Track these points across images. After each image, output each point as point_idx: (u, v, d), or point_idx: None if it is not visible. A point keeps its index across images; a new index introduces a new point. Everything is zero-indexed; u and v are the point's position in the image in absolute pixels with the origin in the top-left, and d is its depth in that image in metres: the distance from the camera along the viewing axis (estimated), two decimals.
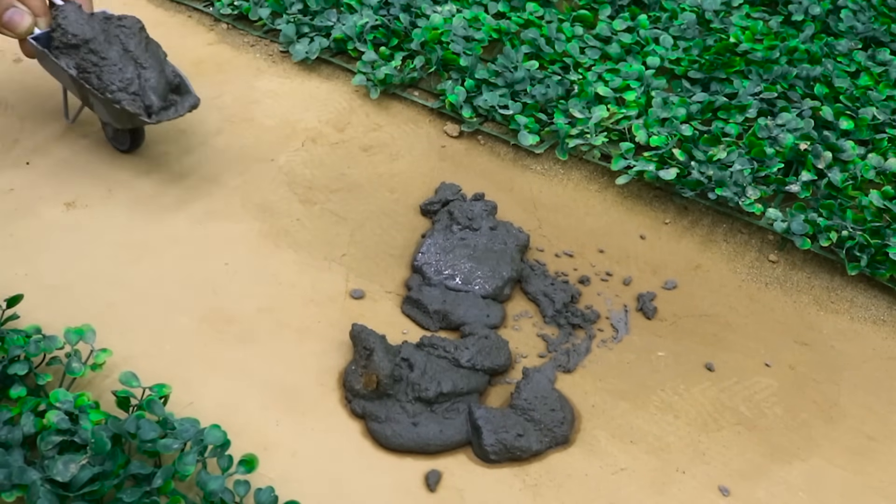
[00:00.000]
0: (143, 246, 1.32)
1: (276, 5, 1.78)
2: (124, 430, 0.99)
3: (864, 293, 1.37)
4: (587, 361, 1.23)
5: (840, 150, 1.50)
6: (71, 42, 1.33)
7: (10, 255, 1.29)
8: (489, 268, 1.30)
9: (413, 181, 1.49)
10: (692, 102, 1.59)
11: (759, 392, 1.21)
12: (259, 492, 0.99)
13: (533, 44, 1.70)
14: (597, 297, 1.32)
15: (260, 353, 1.20)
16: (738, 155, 1.48)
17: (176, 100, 1.36)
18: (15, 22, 1.27)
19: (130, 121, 1.33)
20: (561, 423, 1.12)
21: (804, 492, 1.10)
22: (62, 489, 0.93)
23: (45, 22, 1.34)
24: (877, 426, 1.18)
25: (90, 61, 1.32)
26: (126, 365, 1.13)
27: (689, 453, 1.13)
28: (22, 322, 1.15)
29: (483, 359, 1.17)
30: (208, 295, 1.26)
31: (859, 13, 1.85)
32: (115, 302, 1.24)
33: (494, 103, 1.58)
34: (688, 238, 1.44)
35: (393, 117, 1.62)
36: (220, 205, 1.41)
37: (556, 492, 1.07)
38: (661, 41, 1.75)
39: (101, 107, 1.34)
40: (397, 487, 1.06)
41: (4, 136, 1.50)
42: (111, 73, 1.32)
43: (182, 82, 1.37)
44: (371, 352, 1.13)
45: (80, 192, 1.40)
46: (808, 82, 1.66)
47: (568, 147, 1.53)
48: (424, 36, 1.68)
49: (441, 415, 1.12)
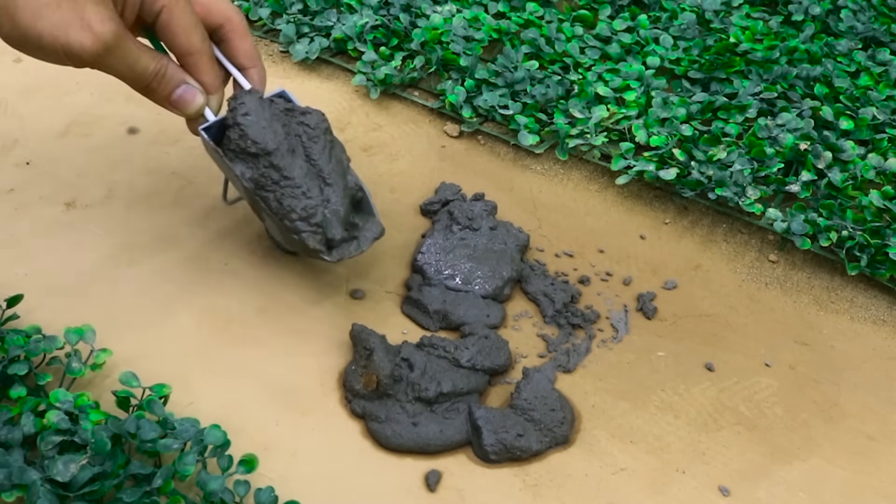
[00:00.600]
0: (142, 246, 1.32)
1: (276, 5, 1.78)
2: (124, 430, 0.99)
3: (864, 293, 1.37)
4: (587, 361, 1.23)
5: (840, 150, 1.50)
6: (250, 150, 1.11)
7: (10, 255, 1.29)
8: (489, 268, 1.30)
9: (413, 181, 1.49)
10: (692, 102, 1.59)
11: (759, 392, 1.21)
12: (259, 492, 0.99)
13: (533, 44, 1.70)
14: (597, 297, 1.32)
15: (260, 353, 1.20)
16: (738, 155, 1.48)
17: (357, 223, 1.16)
18: (186, 101, 1.11)
19: (305, 251, 1.14)
20: (561, 423, 1.12)
21: (804, 492, 1.10)
22: (62, 489, 0.93)
23: (217, 100, 1.13)
24: (877, 426, 1.19)
25: (270, 178, 1.11)
26: (126, 365, 1.13)
27: (689, 453, 1.13)
28: (22, 322, 1.15)
29: (483, 359, 1.18)
30: (208, 295, 1.26)
31: (859, 13, 1.85)
32: (115, 302, 1.24)
33: (494, 103, 1.58)
34: (688, 238, 1.44)
35: (393, 117, 1.62)
36: (220, 205, 1.41)
37: (556, 492, 1.07)
38: (661, 41, 1.75)
39: (273, 224, 1.14)
40: (397, 487, 1.07)
41: (4, 136, 1.50)
42: (293, 196, 1.11)
43: (364, 198, 1.17)
44: (371, 352, 1.13)
45: (80, 192, 1.40)
46: (808, 82, 1.66)
47: (568, 147, 1.53)
48: (424, 36, 1.68)
49: (441, 415, 1.12)
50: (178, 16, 1.07)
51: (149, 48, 1.08)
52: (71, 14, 0.97)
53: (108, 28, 0.99)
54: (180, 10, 1.07)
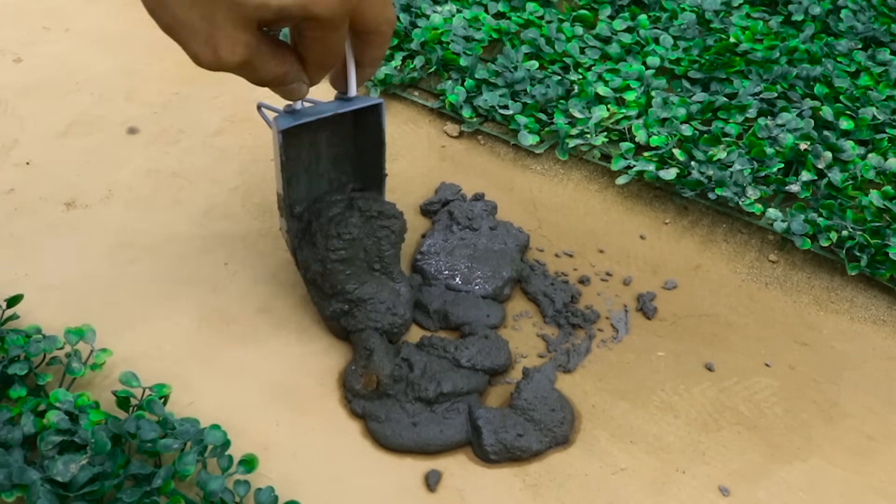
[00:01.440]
0: (142, 246, 1.32)
1: None
2: (124, 430, 0.99)
3: (864, 293, 1.37)
4: (587, 361, 1.23)
5: (840, 150, 1.50)
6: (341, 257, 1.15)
7: (10, 255, 1.29)
8: (489, 268, 1.30)
9: (413, 181, 1.49)
10: (692, 102, 1.59)
11: (759, 392, 1.21)
12: (259, 492, 0.99)
13: (533, 44, 1.70)
14: (597, 297, 1.32)
15: (260, 353, 1.20)
16: (738, 155, 1.48)
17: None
18: (292, 93, 1.03)
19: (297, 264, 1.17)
20: (561, 423, 1.12)
21: (804, 492, 1.10)
22: (62, 489, 0.93)
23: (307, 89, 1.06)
24: (877, 426, 1.19)
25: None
26: (126, 365, 1.13)
27: (689, 453, 1.13)
28: (22, 322, 1.15)
29: (483, 359, 1.18)
30: (208, 295, 1.26)
31: (859, 13, 1.85)
32: (115, 302, 1.24)
33: (494, 103, 1.58)
34: (688, 238, 1.44)
35: (393, 117, 1.62)
36: (220, 205, 1.41)
37: (556, 492, 1.07)
38: (661, 41, 1.75)
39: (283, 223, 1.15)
40: (397, 487, 1.07)
41: (4, 136, 1.50)
42: (375, 311, 1.18)
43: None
44: (371, 352, 1.13)
45: (80, 192, 1.40)
46: (808, 82, 1.66)
47: (568, 147, 1.53)
48: (424, 36, 1.68)
49: (441, 415, 1.12)
50: (320, 49, 1.00)
51: (278, 53, 0.99)
52: (203, 25, 0.91)
53: (237, 57, 0.93)
54: (322, 44, 0.99)
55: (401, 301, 1.20)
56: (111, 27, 1.79)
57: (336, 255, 1.14)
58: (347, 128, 1.17)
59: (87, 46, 1.74)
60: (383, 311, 1.18)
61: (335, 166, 1.21)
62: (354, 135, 1.18)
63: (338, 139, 1.18)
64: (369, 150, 1.18)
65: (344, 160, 1.20)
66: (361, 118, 1.15)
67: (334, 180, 1.21)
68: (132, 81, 1.65)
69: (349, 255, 1.15)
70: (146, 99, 1.62)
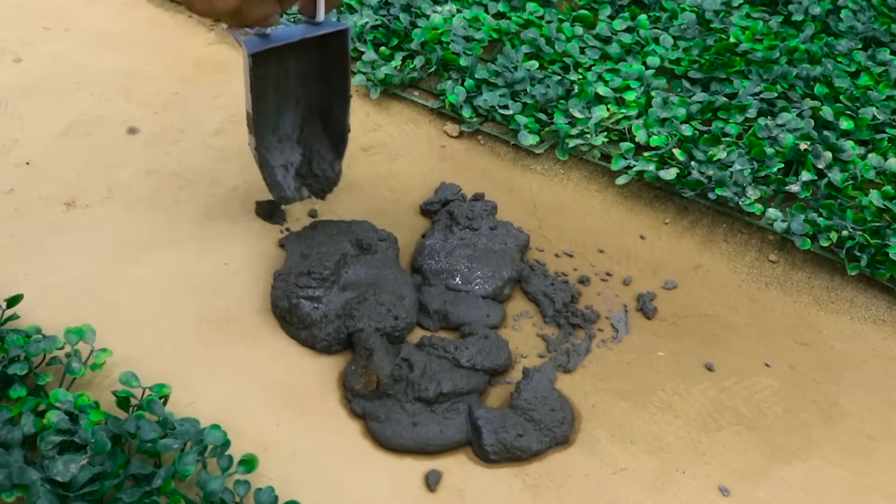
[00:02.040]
0: (142, 246, 1.32)
1: None
2: (124, 430, 0.99)
3: (864, 293, 1.37)
4: (587, 361, 1.23)
5: (840, 150, 1.50)
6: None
7: (10, 255, 1.29)
8: (489, 268, 1.30)
9: (413, 181, 1.49)
10: (692, 102, 1.59)
11: (759, 392, 1.21)
12: (259, 492, 0.99)
13: (533, 44, 1.70)
14: (597, 297, 1.32)
15: (260, 353, 1.20)
16: (738, 155, 1.48)
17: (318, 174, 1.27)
18: (270, 23, 1.12)
19: (263, 176, 1.25)
20: (561, 423, 1.12)
21: (804, 492, 1.10)
22: (62, 489, 0.93)
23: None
24: (877, 426, 1.18)
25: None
26: (126, 365, 1.13)
27: (689, 453, 1.13)
28: (22, 322, 1.15)
29: (483, 359, 1.17)
30: (208, 295, 1.26)
31: (859, 13, 1.85)
32: (115, 302, 1.24)
33: (494, 103, 1.58)
34: (688, 238, 1.44)
35: (393, 117, 1.62)
36: (220, 205, 1.41)
37: (556, 492, 1.07)
38: (661, 41, 1.75)
39: (252, 139, 1.20)
40: (397, 487, 1.06)
41: (4, 136, 1.50)
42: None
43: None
44: (371, 352, 1.13)
45: (80, 192, 1.40)
46: (808, 82, 1.66)
47: (568, 147, 1.53)
48: (424, 36, 1.68)
49: (441, 415, 1.12)
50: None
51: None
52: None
53: (230, 4, 1.02)
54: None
55: (403, 304, 1.21)
56: (111, 27, 1.79)
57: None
58: (314, 50, 1.22)
59: (87, 46, 1.74)
60: (384, 313, 1.18)
61: (303, 85, 1.26)
62: (321, 56, 1.23)
63: (305, 60, 1.23)
64: (335, 72, 1.23)
65: (311, 79, 1.25)
66: (328, 41, 1.20)
67: (301, 98, 1.26)
68: (132, 81, 1.65)
69: None
70: (146, 99, 1.62)
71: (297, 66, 1.23)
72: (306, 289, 1.18)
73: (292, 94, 1.25)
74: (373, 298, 1.19)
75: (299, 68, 1.23)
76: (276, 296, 1.21)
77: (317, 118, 1.27)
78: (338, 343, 1.18)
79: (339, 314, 1.18)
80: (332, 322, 1.18)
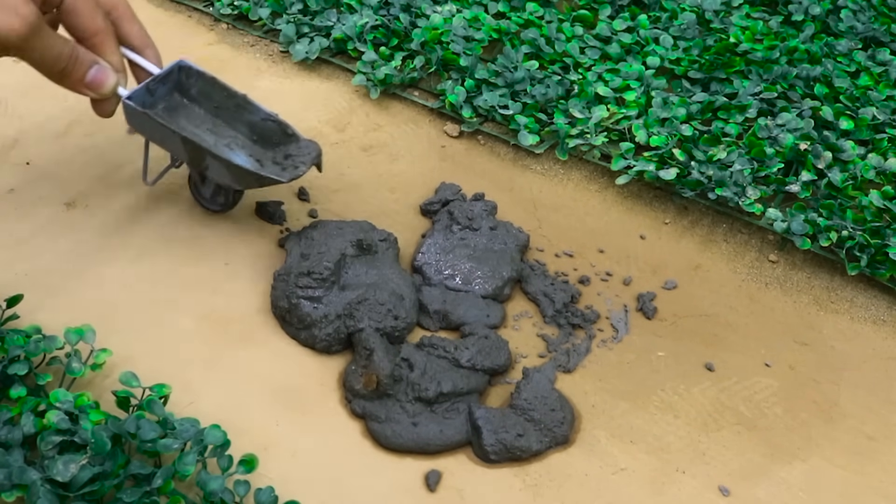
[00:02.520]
0: (142, 246, 1.32)
1: (276, 5, 1.78)
2: (124, 430, 0.99)
3: (864, 293, 1.37)
4: (587, 361, 1.23)
5: (840, 150, 1.50)
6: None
7: (10, 255, 1.29)
8: (489, 268, 1.30)
9: (413, 181, 1.49)
10: (692, 102, 1.59)
11: (759, 392, 1.21)
12: (259, 492, 0.99)
13: (533, 44, 1.70)
14: (597, 297, 1.32)
15: (260, 353, 1.20)
16: (738, 155, 1.48)
17: (292, 154, 1.29)
18: (99, 81, 1.16)
19: (259, 182, 1.23)
20: (561, 423, 1.12)
21: (804, 492, 1.10)
22: (62, 489, 0.93)
23: (123, 78, 1.21)
24: (877, 426, 1.19)
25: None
26: (126, 365, 1.13)
27: (689, 453, 1.13)
28: (22, 322, 1.15)
29: (483, 359, 1.18)
30: (208, 295, 1.26)
31: (859, 13, 1.86)
32: (115, 302, 1.24)
33: (494, 103, 1.58)
34: (688, 238, 1.44)
35: (393, 117, 1.62)
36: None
37: (556, 492, 1.07)
38: (661, 41, 1.75)
39: (221, 169, 1.23)
40: (397, 487, 1.07)
41: (4, 136, 1.50)
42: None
43: (287, 127, 1.30)
44: (371, 352, 1.13)
45: (80, 192, 1.40)
46: (808, 82, 1.66)
47: (568, 147, 1.53)
48: (424, 36, 1.68)
49: (441, 415, 1.12)
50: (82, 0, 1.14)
51: (58, 34, 1.13)
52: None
53: (31, 9, 1.04)
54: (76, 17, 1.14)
55: (403, 304, 1.21)
56: None
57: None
58: (186, 92, 1.31)
59: None
60: (384, 313, 1.18)
61: (205, 110, 1.33)
62: (198, 92, 1.31)
63: (187, 99, 1.32)
64: (215, 90, 1.30)
65: (207, 102, 1.33)
66: (187, 79, 1.30)
67: (208, 119, 1.33)
68: (132, 82, 1.65)
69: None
70: None
71: (193, 101, 1.32)
72: (306, 289, 1.18)
73: (204, 123, 1.32)
74: (373, 298, 1.18)
75: (190, 105, 1.32)
76: (276, 296, 1.21)
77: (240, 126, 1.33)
78: (338, 343, 1.18)
79: (339, 314, 1.18)
80: (332, 322, 1.18)
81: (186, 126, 1.29)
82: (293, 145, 1.29)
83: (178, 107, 1.30)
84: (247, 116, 1.30)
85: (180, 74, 1.28)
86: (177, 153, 1.26)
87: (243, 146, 1.30)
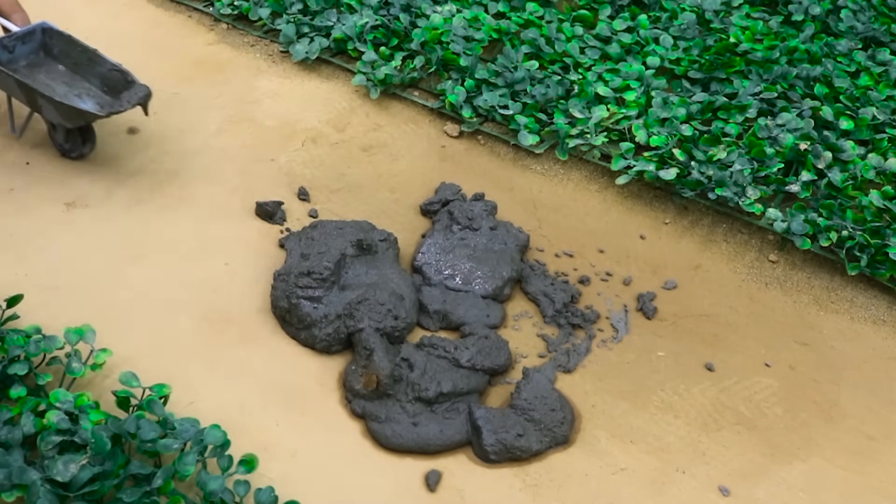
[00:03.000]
0: (142, 246, 1.33)
1: (276, 5, 1.78)
2: (124, 430, 0.99)
3: (864, 293, 1.37)
4: (587, 361, 1.23)
5: (840, 150, 1.50)
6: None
7: (10, 255, 1.29)
8: (489, 268, 1.30)
9: (413, 181, 1.49)
10: (692, 102, 1.59)
11: (759, 392, 1.21)
12: (259, 492, 0.99)
13: (533, 44, 1.70)
14: (597, 297, 1.32)
15: (260, 353, 1.20)
16: (738, 155, 1.48)
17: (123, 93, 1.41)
18: None
19: (82, 117, 1.37)
20: (561, 423, 1.12)
21: (804, 492, 1.10)
22: (62, 489, 0.93)
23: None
24: (877, 426, 1.19)
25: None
26: (126, 365, 1.13)
27: (689, 453, 1.13)
28: (22, 322, 1.15)
29: (483, 359, 1.18)
30: (208, 295, 1.26)
31: (859, 13, 1.85)
32: (115, 302, 1.24)
33: (494, 103, 1.58)
34: (688, 238, 1.44)
35: (393, 117, 1.62)
36: (220, 205, 1.41)
37: (556, 492, 1.07)
38: (661, 41, 1.75)
39: (51, 108, 1.36)
40: (397, 487, 1.07)
41: (4, 136, 1.50)
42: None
43: (126, 74, 1.42)
44: (371, 352, 1.13)
45: (80, 192, 1.40)
46: (808, 82, 1.66)
47: (568, 147, 1.53)
48: (424, 36, 1.68)
49: (441, 415, 1.12)
50: None
51: None
52: None
53: None
54: None
55: (403, 304, 1.21)
56: (111, 27, 1.78)
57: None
58: (49, 51, 1.48)
59: None
60: (384, 313, 1.19)
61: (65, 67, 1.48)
62: (59, 51, 1.47)
63: (51, 58, 1.49)
64: (73, 48, 1.47)
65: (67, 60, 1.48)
66: (50, 40, 1.49)
67: (66, 72, 1.48)
68: None
69: None
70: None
71: (54, 59, 1.49)
72: (306, 289, 1.18)
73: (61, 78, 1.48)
74: (373, 298, 1.19)
75: (51, 62, 1.49)
76: (276, 296, 1.21)
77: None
78: (338, 343, 1.18)
79: (339, 314, 1.18)
80: (332, 322, 1.18)
81: (44, 80, 1.43)
82: (132, 91, 1.42)
83: (41, 63, 1.45)
84: (98, 69, 1.43)
85: (44, 36, 1.45)
86: (17, 96, 1.41)
87: (93, 96, 1.43)
